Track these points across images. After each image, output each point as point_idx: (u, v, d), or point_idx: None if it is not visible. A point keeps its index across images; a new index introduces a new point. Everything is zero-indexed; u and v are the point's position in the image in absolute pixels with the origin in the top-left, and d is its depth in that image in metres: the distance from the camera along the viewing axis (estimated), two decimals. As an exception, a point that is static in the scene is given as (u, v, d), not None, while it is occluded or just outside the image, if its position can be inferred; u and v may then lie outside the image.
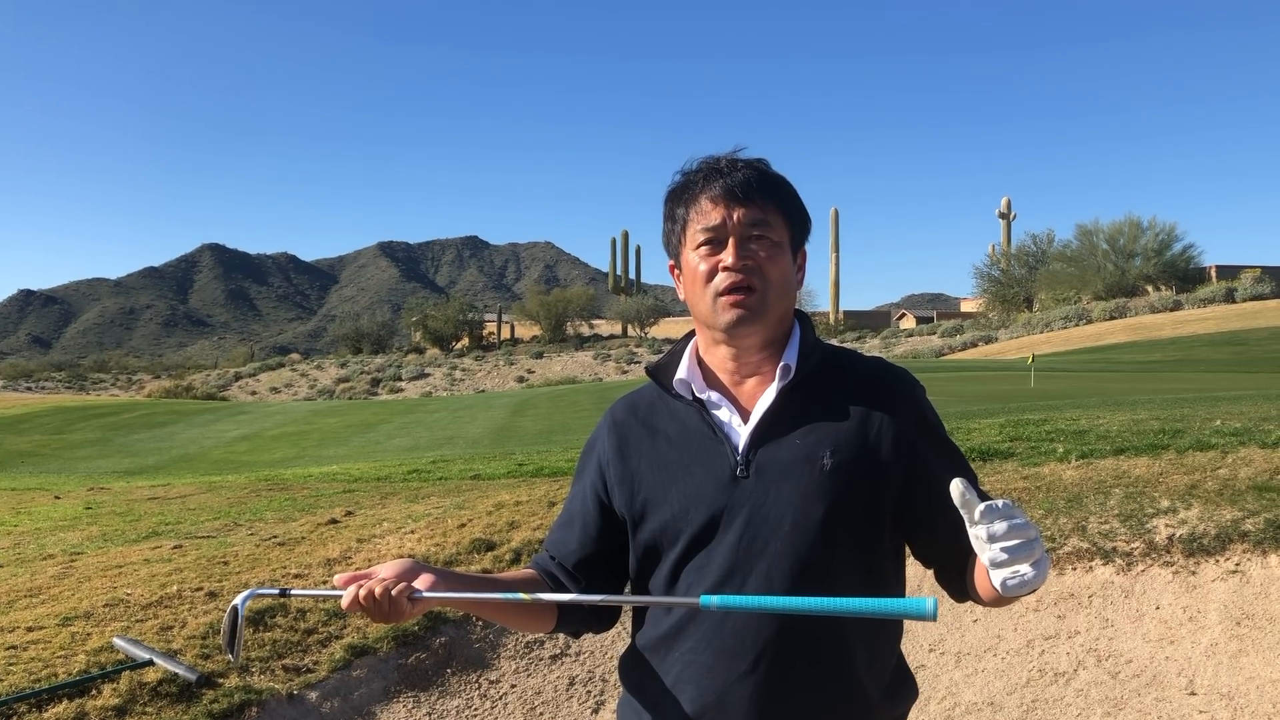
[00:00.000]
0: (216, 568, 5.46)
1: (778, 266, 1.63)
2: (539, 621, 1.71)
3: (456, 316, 70.55)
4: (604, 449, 1.75)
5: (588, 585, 1.73)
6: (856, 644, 1.59)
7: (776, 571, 1.57)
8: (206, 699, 3.80)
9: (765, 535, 1.58)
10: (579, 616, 1.74)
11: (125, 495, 9.92)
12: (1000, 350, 44.83)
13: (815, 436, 1.61)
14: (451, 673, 4.50)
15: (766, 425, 1.63)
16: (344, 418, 23.09)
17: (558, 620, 1.72)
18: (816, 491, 1.58)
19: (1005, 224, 69.42)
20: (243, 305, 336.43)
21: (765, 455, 1.61)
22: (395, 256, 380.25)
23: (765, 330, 1.65)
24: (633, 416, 1.75)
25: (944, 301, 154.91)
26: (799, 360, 1.66)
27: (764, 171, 1.67)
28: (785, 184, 1.68)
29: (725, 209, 1.62)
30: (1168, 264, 57.70)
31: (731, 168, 1.65)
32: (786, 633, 1.56)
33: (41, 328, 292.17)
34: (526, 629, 1.69)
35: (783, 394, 1.64)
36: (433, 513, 6.70)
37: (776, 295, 1.63)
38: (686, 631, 1.62)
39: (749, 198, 1.62)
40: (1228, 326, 40.08)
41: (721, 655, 1.58)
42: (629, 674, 1.73)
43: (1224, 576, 4.68)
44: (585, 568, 1.74)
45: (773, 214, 1.64)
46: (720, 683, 1.58)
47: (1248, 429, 6.58)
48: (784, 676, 1.57)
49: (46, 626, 4.39)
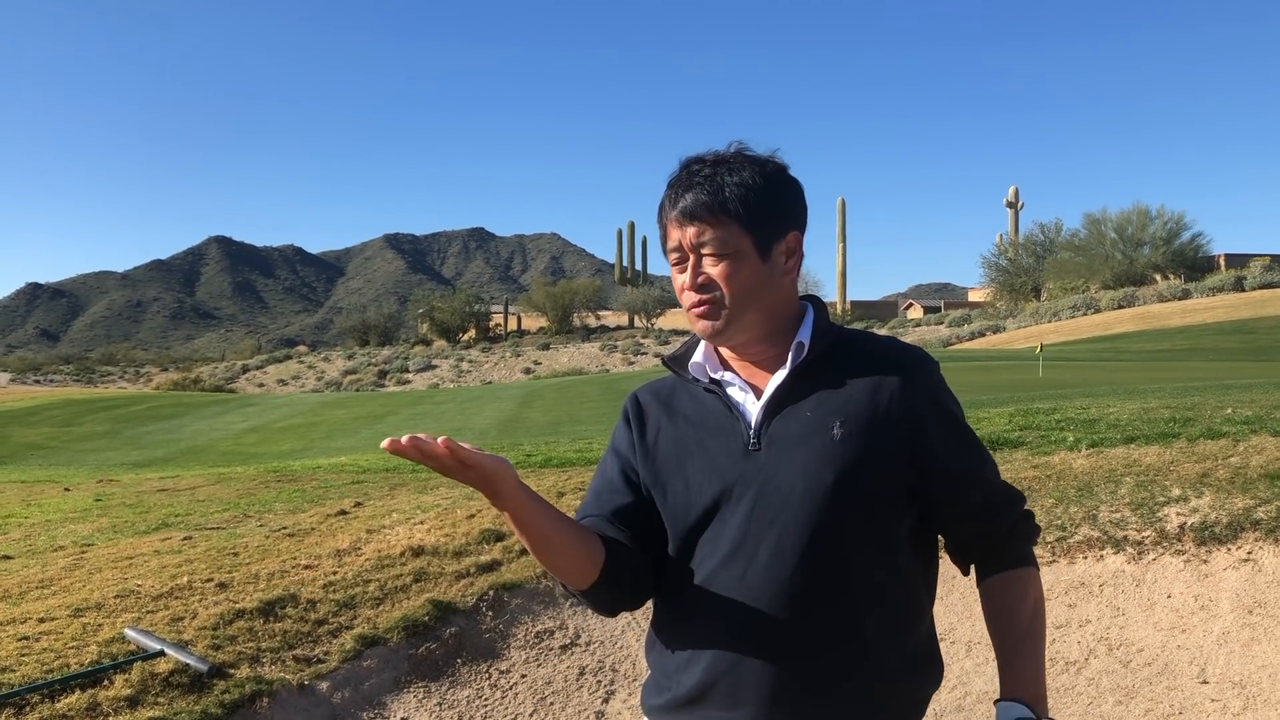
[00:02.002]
0: (227, 559, 5.47)
1: (736, 276, 1.65)
2: (585, 569, 1.66)
3: (463, 308, 70.55)
4: (626, 427, 1.81)
5: (632, 538, 1.73)
6: (871, 612, 1.61)
7: (787, 540, 1.59)
8: (218, 689, 3.81)
9: (776, 505, 1.61)
10: (622, 579, 1.69)
11: (135, 487, 9.95)
12: (1008, 340, 44.73)
13: (826, 408, 1.64)
14: (462, 663, 4.50)
15: (778, 400, 1.67)
16: (351, 409, 23.13)
17: (599, 577, 1.67)
18: (826, 461, 1.60)
19: (1013, 213, 69.21)
20: (249, 298, 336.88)
21: (777, 428, 1.65)
22: (401, 248, 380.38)
23: (744, 332, 1.69)
24: (655, 399, 1.80)
25: (951, 291, 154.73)
26: (813, 339, 1.69)
27: (717, 182, 1.66)
28: (742, 186, 1.66)
29: (680, 230, 1.68)
30: (1176, 253, 57.51)
31: (689, 182, 1.67)
32: (799, 600, 1.59)
33: (49, 321, 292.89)
34: (571, 575, 1.64)
35: (795, 371, 1.67)
36: (442, 503, 6.71)
37: (741, 302, 1.66)
38: (701, 602, 1.64)
39: (695, 217, 1.66)
40: (1237, 315, 39.91)
41: (734, 624, 1.61)
42: (650, 650, 1.76)
43: (1236, 565, 4.66)
44: (626, 523, 1.75)
45: (723, 225, 1.65)
46: (733, 653, 1.60)
47: (1259, 417, 6.56)
48: (798, 645, 1.59)
49: (58, 618, 4.40)
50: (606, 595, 1.70)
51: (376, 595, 4.81)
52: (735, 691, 1.60)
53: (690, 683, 1.64)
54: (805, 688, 1.59)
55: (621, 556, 1.68)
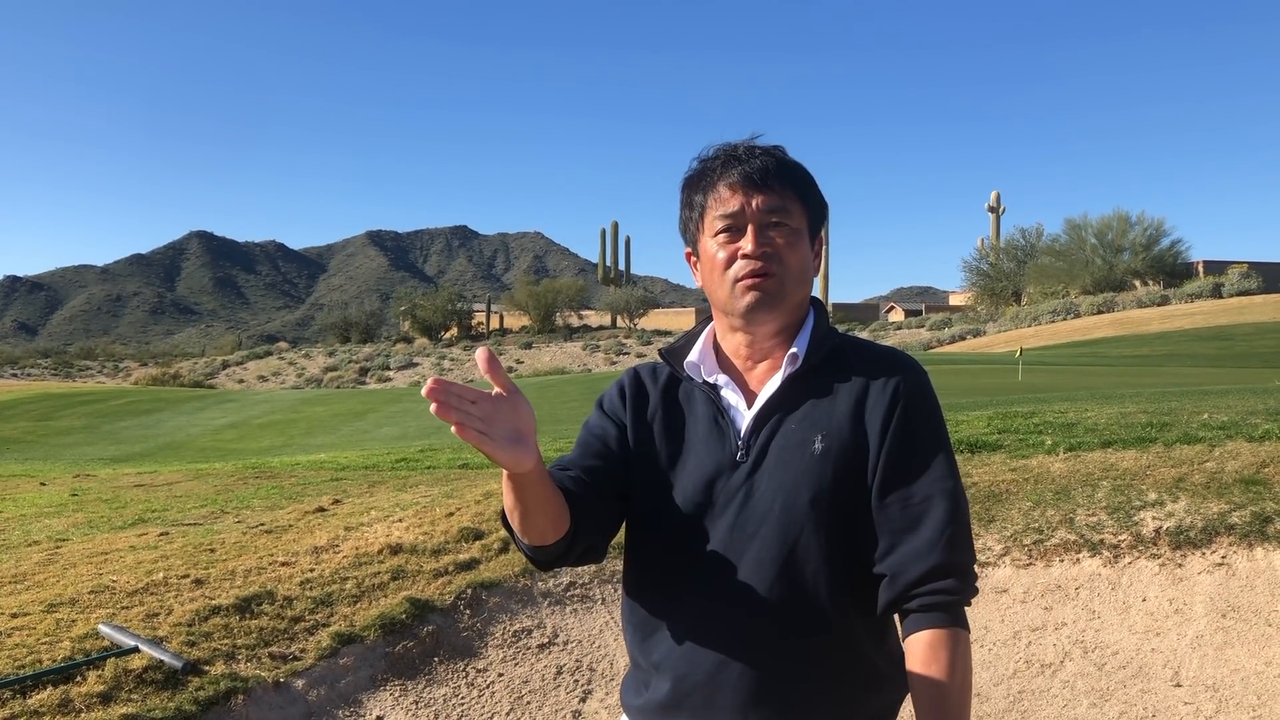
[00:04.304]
0: (203, 555, 5.43)
1: (796, 253, 1.64)
2: (558, 522, 1.56)
3: (445, 306, 70.36)
4: (620, 399, 1.76)
5: (597, 488, 1.67)
6: (849, 625, 1.60)
7: (766, 554, 1.58)
8: (192, 686, 3.78)
9: (756, 519, 1.60)
10: (591, 524, 1.63)
11: (111, 482, 9.88)
12: (988, 344, 44.94)
13: (810, 421, 1.62)
14: (439, 661, 4.49)
15: (768, 411, 1.65)
16: (332, 406, 23.03)
17: (570, 527, 1.59)
18: (805, 478, 1.59)
19: (994, 218, 69.51)
20: (230, 293, 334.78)
21: (764, 440, 1.63)
22: (384, 245, 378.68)
23: (781, 316, 1.66)
24: (653, 383, 1.76)
25: (932, 295, 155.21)
26: (808, 349, 1.67)
27: (782, 158, 1.67)
28: (803, 171, 1.68)
29: (744, 196, 1.62)
30: (1155, 259, 57.93)
31: (749, 154, 1.65)
32: (777, 613, 1.58)
33: (28, 314, 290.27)
34: (545, 530, 1.54)
35: (787, 381, 1.66)
36: (421, 501, 6.69)
37: (794, 282, 1.64)
38: (680, 608, 1.63)
39: (767, 184, 1.62)
40: (1214, 322, 40.24)
41: (712, 634, 1.60)
42: (629, 642, 1.73)
43: (1210, 569, 4.70)
44: (596, 476, 1.69)
45: (791, 201, 1.64)
46: (709, 663, 1.59)
47: (1235, 423, 6.61)
48: (774, 657, 1.58)
49: (31, 613, 4.36)
50: (551, 560, 1.63)
51: (354, 593, 4.79)
52: (711, 701, 1.60)
53: (666, 689, 1.63)
54: (781, 700, 1.59)
55: (582, 530, 1.61)
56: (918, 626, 1.55)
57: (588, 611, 5.00)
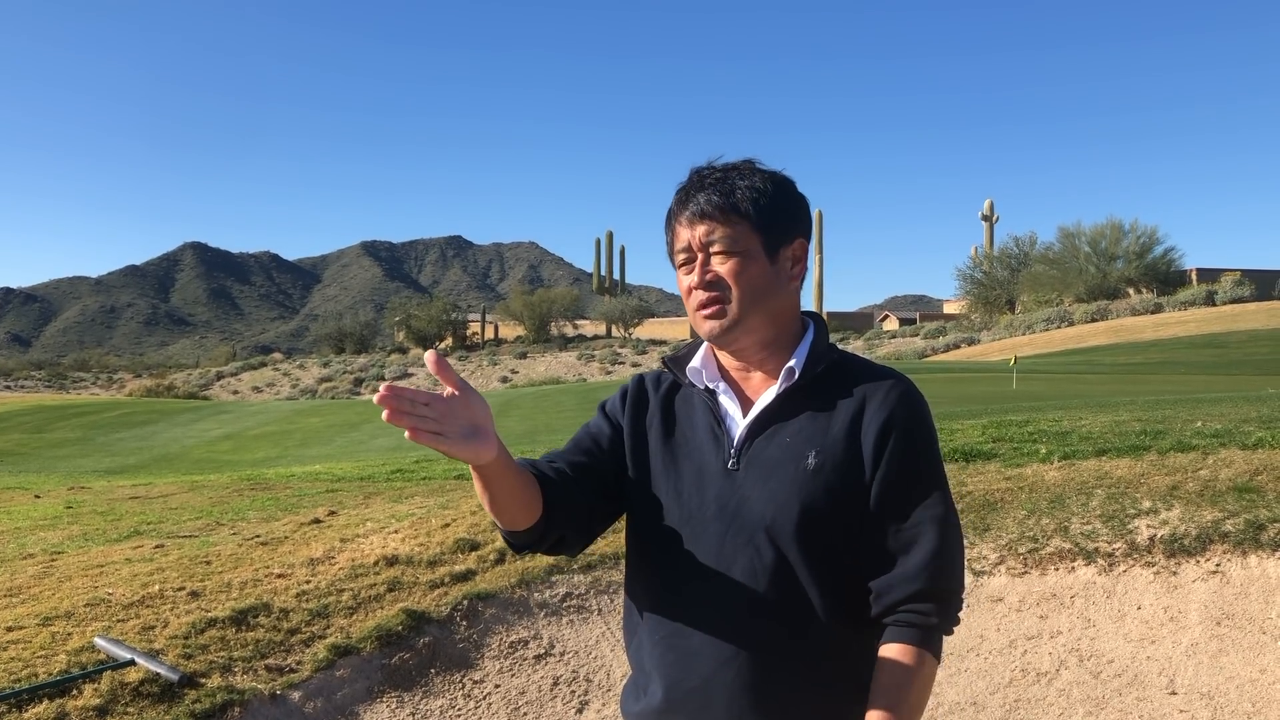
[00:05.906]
0: (199, 567, 5.43)
1: (745, 274, 1.66)
2: (530, 509, 1.62)
3: (440, 316, 70.43)
4: (621, 404, 1.81)
5: (577, 482, 1.70)
6: (841, 634, 1.63)
7: (759, 563, 1.61)
8: (189, 699, 3.78)
9: (749, 529, 1.62)
10: (562, 516, 1.67)
11: (106, 494, 9.86)
12: (983, 352, 45.02)
13: (804, 436, 1.65)
14: (435, 673, 4.48)
15: (762, 421, 1.68)
16: (327, 417, 23.00)
17: (541, 516, 1.63)
18: (796, 491, 1.62)
19: (988, 226, 69.74)
20: (225, 304, 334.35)
21: (757, 450, 1.66)
22: (378, 256, 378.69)
23: (749, 335, 1.69)
24: (655, 390, 1.81)
25: (927, 303, 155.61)
26: (805, 364, 1.69)
27: (728, 184, 1.69)
28: (753, 189, 1.69)
29: (689, 229, 1.69)
30: (1149, 267, 58.11)
31: (700, 185, 1.70)
32: (770, 621, 1.61)
33: (21, 326, 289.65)
34: (516, 516, 1.60)
35: (783, 394, 1.68)
36: (416, 512, 6.68)
37: (749, 302, 1.66)
38: (675, 615, 1.66)
39: (706, 216, 1.67)
40: (1208, 329, 40.36)
41: (706, 642, 1.63)
42: (628, 647, 1.78)
43: (1204, 577, 4.71)
44: (578, 471, 1.73)
45: (735, 223, 1.66)
46: (703, 669, 1.62)
47: (1228, 430, 6.63)
48: (767, 664, 1.61)
49: (27, 626, 4.36)
50: (524, 544, 1.68)
51: (350, 604, 4.79)
52: (705, 707, 1.62)
53: (660, 694, 1.66)
54: (772, 706, 1.61)
55: (554, 520, 1.65)
56: (890, 639, 1.61)
57: (584, 622, 5.00)
